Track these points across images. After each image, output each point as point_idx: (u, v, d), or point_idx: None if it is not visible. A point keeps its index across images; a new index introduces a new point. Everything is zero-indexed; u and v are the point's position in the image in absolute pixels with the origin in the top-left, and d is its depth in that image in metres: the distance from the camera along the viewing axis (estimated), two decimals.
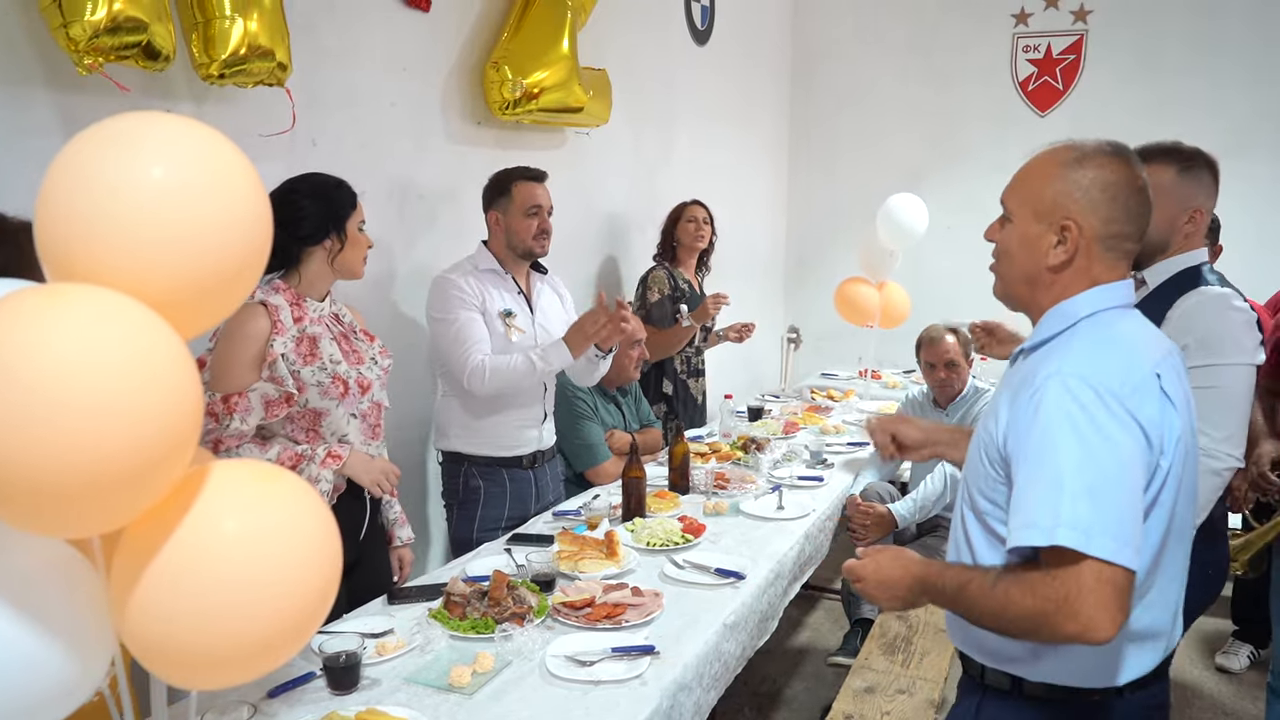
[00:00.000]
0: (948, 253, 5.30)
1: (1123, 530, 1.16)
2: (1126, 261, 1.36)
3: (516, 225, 2.66)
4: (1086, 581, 1.15)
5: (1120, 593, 1.15)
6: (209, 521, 0.96)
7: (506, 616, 1.87)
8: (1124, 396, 1.21)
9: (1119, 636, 1.23)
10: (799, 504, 2.73)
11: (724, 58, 5.10)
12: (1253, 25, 5.04)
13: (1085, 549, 1.15)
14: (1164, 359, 1.31)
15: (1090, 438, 1.19)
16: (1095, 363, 1.24)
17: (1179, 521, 1.33)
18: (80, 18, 1.82)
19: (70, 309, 0.89)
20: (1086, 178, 1.31)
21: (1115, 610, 1.15)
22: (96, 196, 0.92)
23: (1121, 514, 1.17)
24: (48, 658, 0.97)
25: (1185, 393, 1.34)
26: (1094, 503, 1.16)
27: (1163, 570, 1.33)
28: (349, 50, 2.75)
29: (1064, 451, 1.19)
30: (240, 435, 1.96)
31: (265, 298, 2.01)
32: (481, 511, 2.67)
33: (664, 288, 3.78)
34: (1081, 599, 1.15)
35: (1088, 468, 1.18)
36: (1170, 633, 1.38)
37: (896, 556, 1.42)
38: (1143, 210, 1.33)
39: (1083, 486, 1.17)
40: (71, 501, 0.88)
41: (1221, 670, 3.49)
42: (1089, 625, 1.15)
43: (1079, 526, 1.15)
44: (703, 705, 1.84)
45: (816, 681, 3.38)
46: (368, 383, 2.14)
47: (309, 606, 1.01)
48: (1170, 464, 1.26)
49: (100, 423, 0.86)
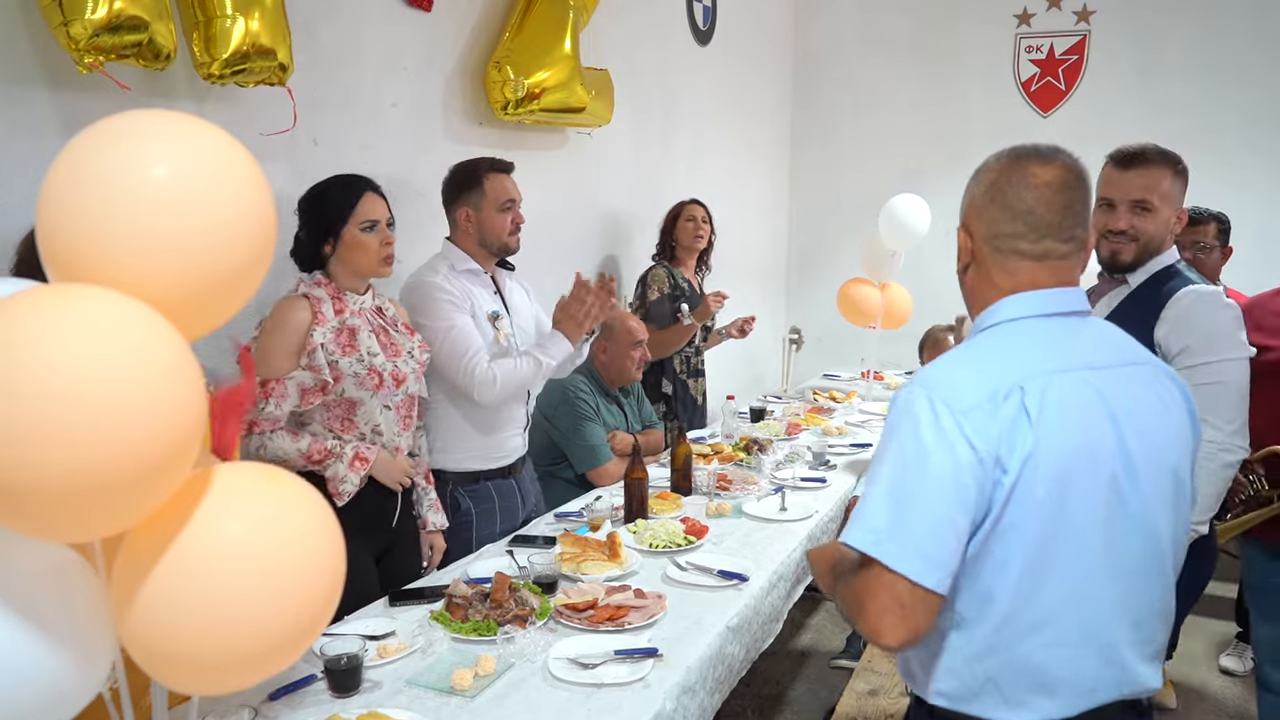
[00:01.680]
0: (950, 254, 5.25)
1: (914, 542, 1.16)
2: (1033, 263, 1.27)
3: (491, 221, 2.53)
4: (872, 585, 1.18)
5: (900, 603, 1.15)
6: (212, 525, 0.95)
7: (509, 619, 1.86)
8: (959, 410, 1.17)
9: (1009, 671, 1.22)
10: (802, 505, 2.72)
11: (726, 58, 5.09)
12: (1255, 25, 5.04)
13: (870, 551, 1.18)
14: (1060, 373, 1.21)
15: (907, 447, 1.19)
16: (946, 373, 1.24)
17: (1074, 552, 1.20)
18: (81, 16, 1.81)
19: (72, 309, 0.88)
20: (976, 183, 1.33)
21: (895, 619, 1.16)
22: (99, 195, 0.91)
23: (917, 526, 1.16)
24: (48, 662, 0.96)
25: (1107, 409, 1.22)
26: (894, 510, 1.18)
27: (1053, 605, 1.21)
28: (350, 50, 2.74)
29: (886, 457, 1.22)
30: (274, 420, 2.06)
31: (309, 290, 2.12)
32: (476, 533, 2.57)
33: (664, 286, 3.76)
34: (868, 600, 1.18)
35: (897, 475, 1.19)
36: (1098, 683, 1.24)
37: (834, 547, 1.41)
38: (1036, 208, 1.26)
39: (887, 493, 1.19)
40: (72, 505, 0.87)
41: (1226, 672, 3.48)
42: (875, 628, 1.18)
43: (870, 529, 1.19)
44: (707, 708, 1.83)
45: (820, 684, 3.37)
46: (402, 376, 2.20)
47: (312, 611, 1.00)
48: (1014, 483, 1.17)
49: (102, 425, 0.85)
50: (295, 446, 2.07)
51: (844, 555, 1.36)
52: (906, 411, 1.21)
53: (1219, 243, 3.16)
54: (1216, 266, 3.17)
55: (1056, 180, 1.27)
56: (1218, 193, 5.00)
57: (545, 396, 3.18)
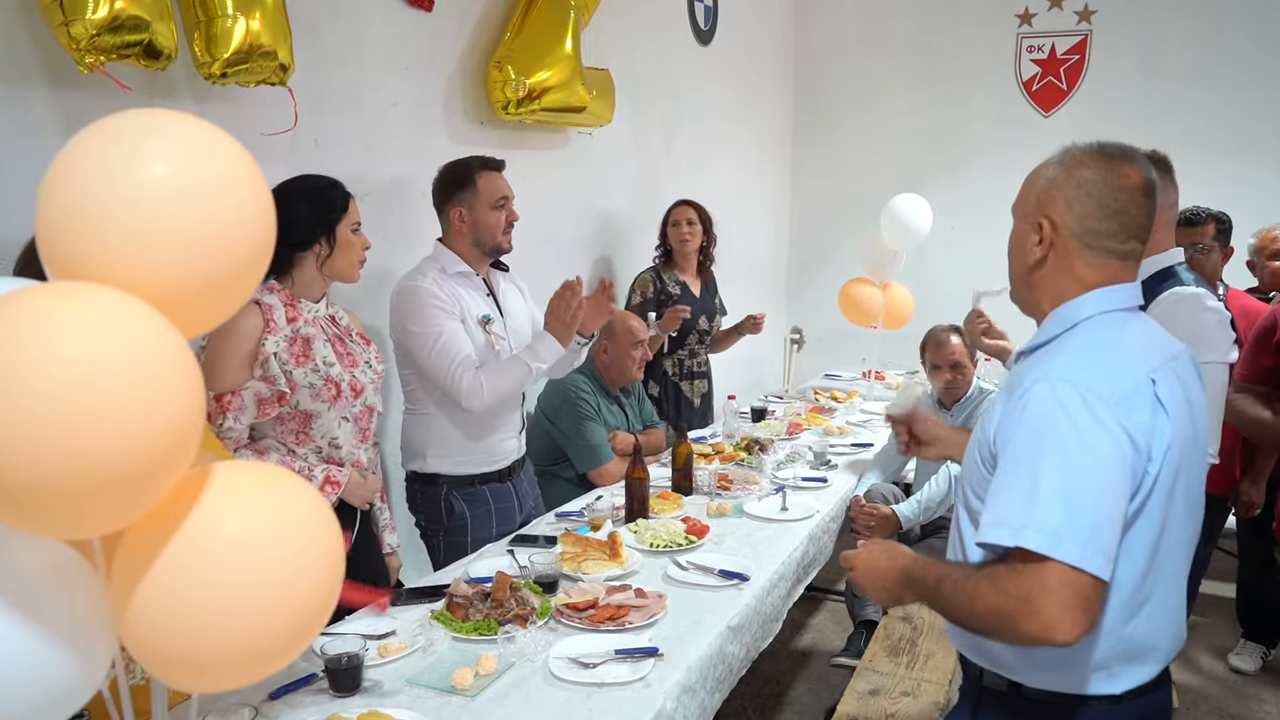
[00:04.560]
0: (951, 253, 5.29)
1: (1093, 537, 1.15)
2: (1118, 262, 1.33)
3: (484, 220, 2.47)
4: (1049, 583, 1.15)
5: (1084, 598, 1.15)
6: (211, 523, 0.95)
7: (509, 618, 1.86)
8: (1112, 402, 1.20)
9: (1114, 647, 1.28)
10: (803, 505, 2.72)
11: (727, 58, 5.09)
12: (1257, 25, 5.03)
13: (1050, 552, 1.15)
14: (1164, 365, 1.29)
15: (1070, 442, 1.19)
16: (1085, 367, 1.24)
17: (1174, 530, 1.30)
18: (81, 16, 1.81)
19: (71, 307, 0.88)
20: (1066, 176, 1.33)
21: (1078, 613, 1.15)
22: (98, 193, 0.91)
23: (1094, 521, 1.16)
24: (47, 660, 0.96)
25: (1187, 399, 1.32)
26: (1066, 507, 1.16)
27: (1159, 581, 1.30)
28: (351, 50, 2.74)
29: (1043, 454, 1.20)
30: (237, 438, 1.95)
31: (259, 296, 1.99)
32: (472, 536, 2.54)
33: (646, 291, 3.77)
34: (1044, 599, 1.15)
35: (1064, 472, 1.18)
36: (1171, 644, 1.36)
37: (889, 549, 1.43)
38: (1129, 208, 1.31)
39: (1056, 490, 1.17)
40: (72, 502, 0.87)
41: (1237, 671, 3.47)
42: (1050, 626, 1.15)
43: (1047, 529, 1.16)
44: (707, 708, 1.83)
45: (820, 683, 3.37)
46: (360, 386, 2.12)
47: (312, 609, 1.00)
48: (1159, 471, 1.24)
49: (101, 422, 0.85)
50: None
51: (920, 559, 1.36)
52: (1059, 407, 1.20)
53: (1218, 243, 3.14)
54: (1216, 267, 3.14)
55: (1144, 184, 1.32)
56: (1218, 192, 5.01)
57: (546, 397, 3.18)
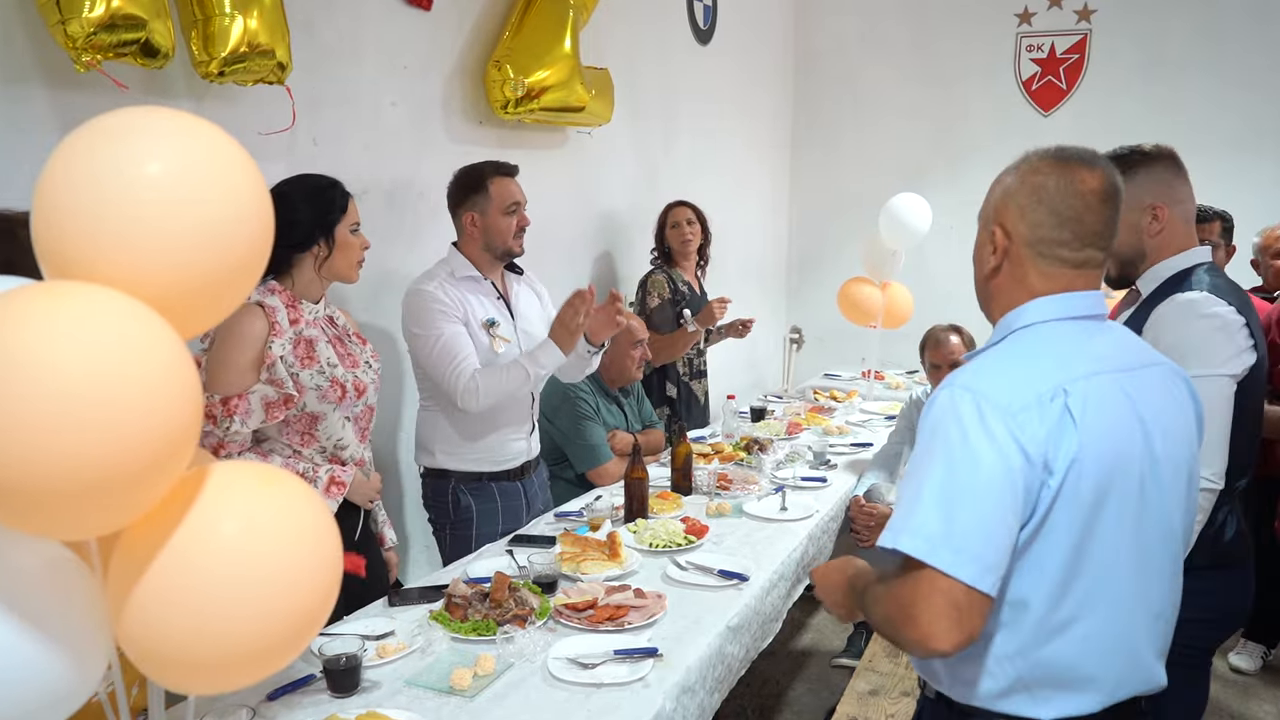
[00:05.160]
0: (951, 252, 5.27)
1: (968, 546, 1.14)
2: (1071, 270, 1.28)
3: (496, 225, 2.52)
4: (923, 589, 1.15)
5: (956, 607, 1.14)
6: (208, 524, 0.95)
7: (508, 618, 1.86)
8: (1007, 413, 1.17)
9: (1030, 670, 1.24)
10: (802, 505, 2.72)
11: (726, 57, 5.08)
12: (1256, 24, 5.03)
13: (925, 558, 1.15)
14: (1096, 375, 1.23)
15: (956, 450, 1.18)
16: (988, 375, 1.23)
17: (1110, 552, 1.22)
18: (78, 14, 1.81)
19: (67, 307, 0.87)
20: (1020, 183, 1.29)
21: (950, 623, 1.14)
22: (94, 192, 0.90)
23: (969, 529, 1.15)
24: (43, 662, 0.95)
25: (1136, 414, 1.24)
26: (944, 514, 1.16)
27: (1091, 605, 1.23)
28: (349, 49, 2.74)
29: (932, 461, 1.20)
30: (242, 440, 1.95)
31: (262, 299, 1.98)
32: (476, 531, 2.57)
33: (664, 292, 3.75)
34: (918, 606, 1.16)
35: (947, 480, 1.17)
36: (1118, 676, 1.26)
37: (843, 563, 1.45)
38: (1083, 216, 1.26)
39: (936, 498, 1.17)
40: (68, 503, 0.86)
41: (1238, 671, 3.47)
42: (926, 634, 1.15)
43: (922, 535, 1.16)
44: (706, 708, 1.82)
45: (820, 684, 3.36)
46: (364, 386, 2.13)
47: (309, 610, 1.00)
48: (1060, 486, 1.18)
49: (97, 423, 0.84)
50: None
51: (861, 569, 1.38)
52: (951, 415, 1.19)
53: (1223, 241, 3.13)
54: (1220, 265, 3.15)
55: (1101, 189, 1.27)
56: (1219, 191, 5.01)
57: (545, 397, 3.17)
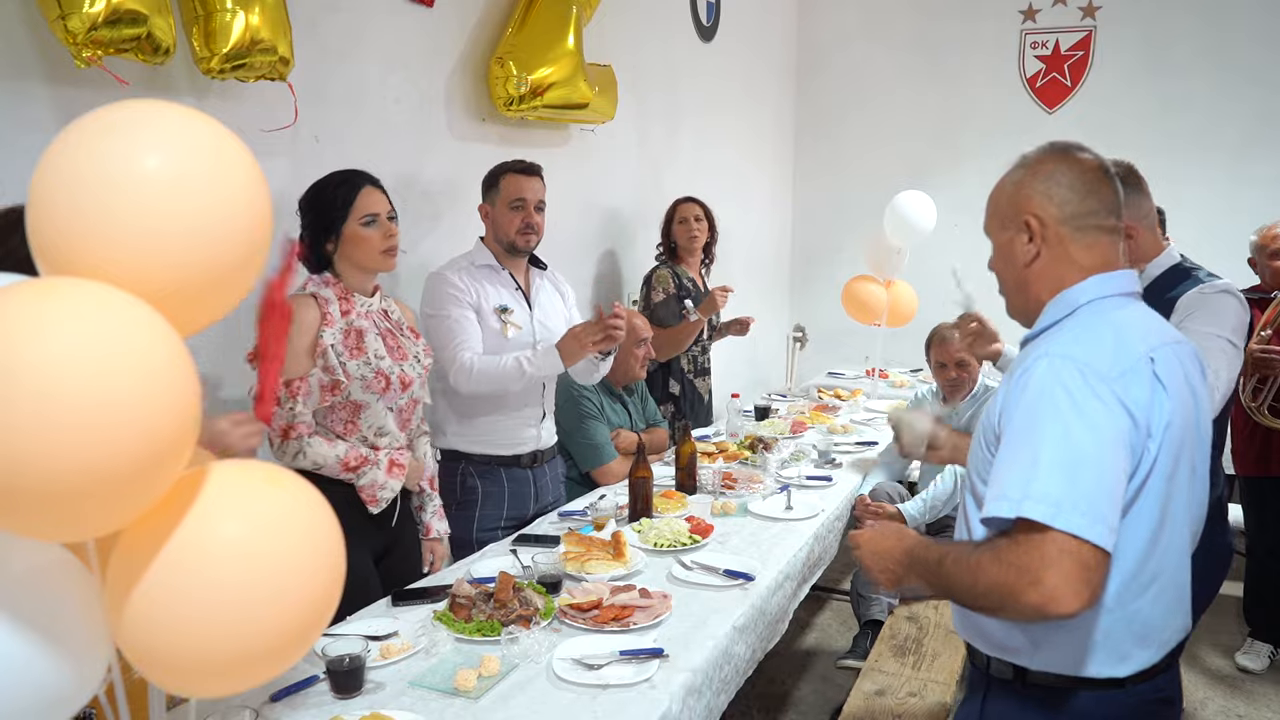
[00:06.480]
0: (955, 250, 5.25)
1: (1094, 508, 1.16)
2: (1107, 238, 1.37)
3: (501, 218, 2.63)
4: (1050, 553, 1.15)
5: (1085, 568, 1.15)
6: (207, 524, 0.94)
7: (512, 619, 1.84)
8: (1111, 378, 1.22)
9: (1118, 624, 1.28)
10: (808, 504, 2.70)
11: (729, 54, 5.07)
12: (1262, 22, 5.00)
13: (1052, 522, 1.16)
14: (1162, 346, 1.32)
15: (1070, 416, 1.20)
16: (1085, 345, 1.27)
17: (1177, 512, 1.32)
18: (79, 10, 1.79)
19: (63, 304, 0.86)
20: (1031, 175, 1.39)
21: (1080, 584, 1.15)
22: (90, 187, 0.89)
23: (1095, 491, 1.17)
24: (42, 664, 0.94)
25: (1188, 383, 1.34)
26: (1067, 478, 1.17)
27: (1165, 562, 1.31)
28: (352, 45, 2.72)
29: (1044, 428, 1.22)
30: (308, 423, 2.05)
31: (316, 290, 2.10)
32: (479, 512, 2.63)
33: (668, 287, 3.74)
34: (1045, 569, 1.15)
35: (1064, 445, 1.19)
36: (1177, 627, 1.37)
37: (897, 530, 1.47)
38: (1099, 188, 1.36)
39: (1057, 462, 1.19)
40: (64, 504, 0.85)
41: (1244, 670, 3.45)
42: (1052, 596, 1.15)
43: (1048, 500, 1.17)
44: (713, 709, 1.81)
45: (826, 684, 3.35)
46: (409, 379, 2.19)
47: (311, 612, 0.98)
48: (1158, 449, 1.25)
49: (94, 422, 0.83)
50: (333, 453, 2.07)
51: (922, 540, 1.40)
52: (1057, 382, 1.23)
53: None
54: None
55: (1100, 167, 1.38)
56: (1221, 190, 4.99)
57: None
